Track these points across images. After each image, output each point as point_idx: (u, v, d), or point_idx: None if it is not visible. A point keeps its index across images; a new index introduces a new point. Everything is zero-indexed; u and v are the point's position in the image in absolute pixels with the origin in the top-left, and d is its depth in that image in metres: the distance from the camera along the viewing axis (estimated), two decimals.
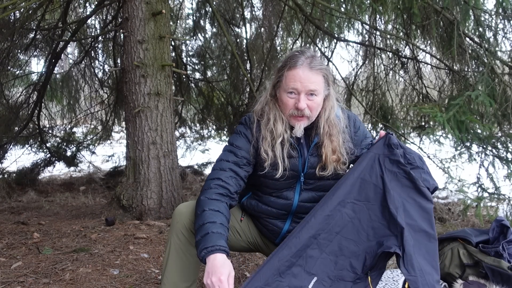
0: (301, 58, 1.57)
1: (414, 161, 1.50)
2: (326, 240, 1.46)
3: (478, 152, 3.53)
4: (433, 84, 5.06)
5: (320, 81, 1.58)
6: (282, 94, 1.60)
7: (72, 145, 6.11)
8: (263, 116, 1.65)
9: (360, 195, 1.51)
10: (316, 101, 1.59)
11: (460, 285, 1.77)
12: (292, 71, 1.56)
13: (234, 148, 1.65)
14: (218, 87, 6.41)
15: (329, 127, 1.63)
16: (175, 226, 1.61)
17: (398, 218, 1.41)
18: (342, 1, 4.62)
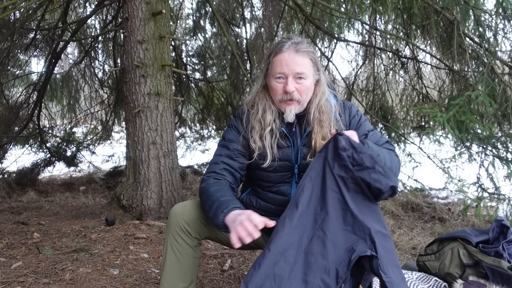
0: (287, 43, 1.56)
1: (363, 162, 1.39)
2: (293, 256, 1.35)
3: (478, 152, 3.53)
4: (433, 84, 5.06)
5: (307, 64, 1.56)
6: (271, 81, 1.60)
7: (72, 145, 6.11)
8: (254, 107, 1.66)
9: (319, 204, 1.42)
10: (305, 85, 1.57)
11: (460, 285, 1.77)
12: (278, 56, 1.56)
13: (226, 142, 1.67)
14: (218, 87, 6.41)
15: (319, 113, 1.60)
16: (171, 227, 1.61)
17: (363, 220, 1.35)
18: (342, 1, 4.62)
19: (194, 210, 1.61)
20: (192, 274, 1.63)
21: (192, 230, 1.59)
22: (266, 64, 1.63)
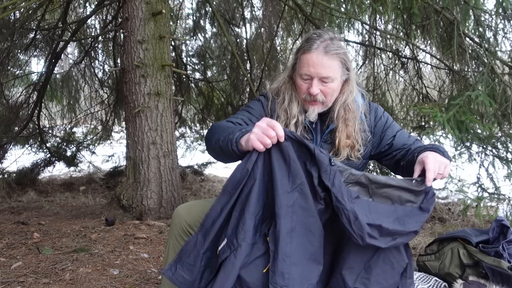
0: (317, 41, 1.49)
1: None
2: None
3: (478, 152, 3.53)
4: (433, 84, 5.06)
5: (335, 66, 1.50)
6: (297, 78, 1.55)
7: (72, 145, 6.11)
8: (279, 95, 1.61)
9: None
10: (331, 87, 1.51)
11: (460, 285, 1.77)
12: (306, 55, 1.50)
13: (249, 108, 1.63)
14: (218, 87, 6.40)
15: (344, 111, 1.55)
16: (173, 229, 1.60)
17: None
18: (342, 1, 4.62)
19: (197, 211, 1.59)
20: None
21: (194, 232, 1.57)
22: (294, 59, 1.59)
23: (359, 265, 1.30)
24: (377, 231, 1.26)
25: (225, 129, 1.42)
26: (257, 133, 1.24)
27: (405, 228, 1.28)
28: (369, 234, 1.23)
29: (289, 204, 1.25)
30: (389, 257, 1.32)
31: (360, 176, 1.37)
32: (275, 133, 1.23)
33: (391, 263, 1.31)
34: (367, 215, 1.27)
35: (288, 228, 1.24)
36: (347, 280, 1.28)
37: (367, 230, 1.23)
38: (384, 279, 1.30)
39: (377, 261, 1.31)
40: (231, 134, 1.34)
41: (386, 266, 1.31)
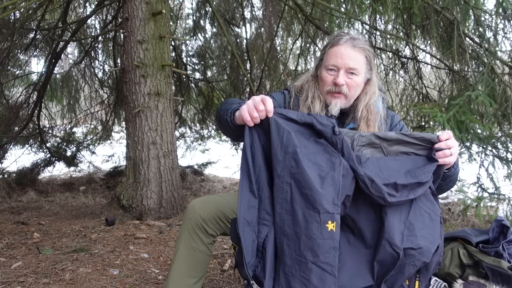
0: (345, 36, 1.56)
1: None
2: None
3: (478, 152, 3.53)
4: (433, 84, 5.06)
5: (361, 60, 1.55)
6: (323, 71, 1.59)
7: (72, 145, 6.11)
8: (302, 92, 1.65)
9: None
10: (356, 81, 1.55)
11: (460, 285, 1.77)
12: (334, 48, 1.56)
13: (270, 95, 1.65)
14: (218, 87, 6.40)
15: (367, 112, 1.58)
16: (187, 223, 1.60)
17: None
18: (342, 1, 4.62)
19: (212, 206, 1.59)
20: (202, 271, 1.63)
21: (208, 227, 1.58)
22: (321, 55, 1.63)
23: (400, 225, 1.28)
24: (393, 188, 1.27)
25: (231, 102, 1.48)
26: (249, 104, 1.29)
27: (417, 180, 1.29)
28: (388, 193, 1.24)
29: (280, 173, 1.25)
30: (424, 208, 1.32)
31: (370, 136, 1.37)
32: (264, 107, 1.27)
33: (428, 215, 1.32)
34: (379, 175, 1.28)
35: (279, 198, 1.25)
36: (395, 242, 1.24)
37: (386, 190, 1.24)
38: (428, 232, 1.29)
39: (415, 215, 1.30)
40: (230, 105, 1.42)
41: (425, 218, 1.31)
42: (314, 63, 1.71)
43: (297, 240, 1.20)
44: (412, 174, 1.30)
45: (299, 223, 1.21)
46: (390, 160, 1.33)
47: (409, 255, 1.24)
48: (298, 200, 1.22)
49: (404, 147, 1.35)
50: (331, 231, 1.20)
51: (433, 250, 1.27)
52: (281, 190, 1.24)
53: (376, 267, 1.27)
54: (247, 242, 1.24)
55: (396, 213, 1.28)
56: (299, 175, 1.23)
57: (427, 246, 1.26)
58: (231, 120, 1.39)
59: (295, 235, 1.21)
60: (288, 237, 1.21)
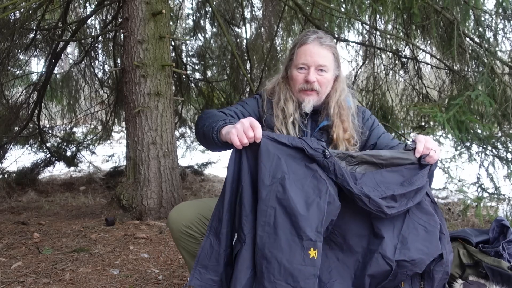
0: (313, 35, 1.60)
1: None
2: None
3: (478, 152, 3.53)
4: (433, 84, 5.06)
5: (329, 57, 1.60)
6: (293, 71, 1.62)
7: (72, 145, 6.11)
8: (274, 95, 1.67)
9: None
10: (326, 77, 1.60)
11: (460, 285, 1.77)
12: (303, 47, 1.60)
13: (243, 103, 1.69)
14: (218, 87, 6.40)
15: (339, 108, 1.62)
16: (173, 234, 1.64)
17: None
18: (342, 1, 4.62)
19: (190, 210, 1.62)
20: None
21: (193, 231, 1.60)
22: (290, 55, 1.66)
23: (393, 238, 1.31)
24: (392, 200, 1.29)
25: (213, 116, 1.49)
26: (239, 129, 1.29)
27: (414, 186, 1.32)
28: (387, 206, 1.27)
29: (265, 197, 1.26)
30: (418, 221, 1.34)
31: (363, 155, 1.39)
32: (254, 135, 1.28)
33: (423, 227, 1.33)
34: (376, 189, 1.30)
35: (261, 221, 1.25)
36: (387, 255, 1.28)
37: (384, 204, 1.26)
38: (423, 244, 1.31)
39: (408, 229, 1.32)
40: (214, 122, 1.43)
41: (420, 231, 1.32)
42: (282, 65, 1.74)
43: (277, 264, 1.21)
44: (408, 182, 1.33)
45: (281, 248, 1.22)
46: (387, 172, 1.36)
47: (402, 266, 1.28)
48: (282, 225, 1.23)
49: (398, 160, 1.39)
50: (312, 258, 1.22)
51: (427, 261, 1.30)
52: (265, 214, 1.24)
53: (367, 280, 1.30)
54: (205, 247, 1.31)
55: (390, 227, 1.32)
56: (285, 200, 1.24)
57: (420, 258, 1.29)
58: (218, 138, 1.40)
59: (275, 259, 1.21)
60: (268, 260, 1.22)
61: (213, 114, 1.53)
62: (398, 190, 1.30)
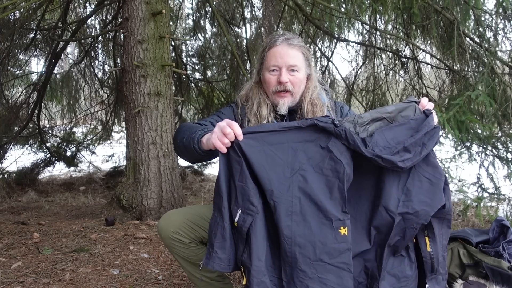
0: (281, 37, 1.62)
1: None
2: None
3: (478, 152, 3.53)
4: (433, 84, 5.06)
5: (299, 57, 1.61)
6: (265, 74, 1.64)
7: (72, 145, 6.11)
8: (248, 101, 1.69)
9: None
10: (298, 77, 1.61)
11: (460, 285, 1.77)
12: (272, 50, 1.61)
13: (219, 113, 1.72)
14: (218, 87, 6.40)
15: (312, 106, 1.64)
16: (164, 241, 1.65)
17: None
18: (342, 1, 4.63)
19: (178, 217, 1.63)
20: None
21: (183, 237, 1.61)
22: (260, 59, 1.68)
23: (397, 191, 1.34)
24: (405, 151, 1.31)
25: (190, 128, 1.50)
26: (217, 132, 1.31)
27: (423, 132, 1.34)
28: (401, 160, 1.29)
29: (286, 189, 1.31)
30: (423, 174, 1.35)
31: (369, 114, 1.41)
32: (231, 130, 1.29)
33: (428, 180, 1.35)
34: (387, 146, 1.33)
35: (288, 211, 1.29)
36: (390, 208, 1.32)
37: (397, 159, 1.29)
38: (427, 196, 1.33)
39: (413, 181, 1.34)
40: (193, 133, 1.44)
41: (424, 183, 1.34)
42: (255, 69, 1.75)
43: (312, 247, 1.28)
44: (417, 131, 1.36)
45: (313, 232, 1.29)
46: (395, 127, 1.38)
47: (407, 219, 1.32)
48: (309, 211, 1.30)
49: (404, 111, 1.41)
50: (344, 235, 1.29)
51: (431, 213, 1.32)
52: (290, 204, 1.30)
53: (373, 232, 1.35)
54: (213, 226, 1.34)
55: (395, 180, 1.35)
56: (308, 188, 1.30)
57: (424, 209, 1.32)
58: (199, 147, 1.41)
59: (309, 243, 1.28)
60: (301, 246, 1.28)
61: (190, 126, 1.54)
62: (409, 141, 1.33)
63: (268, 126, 1.35)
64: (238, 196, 1.32)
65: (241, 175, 1.32)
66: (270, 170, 1.32)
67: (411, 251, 1.38)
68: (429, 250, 1.36)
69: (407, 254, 1.37)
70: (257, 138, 1.34)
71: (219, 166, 1.34)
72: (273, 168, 1.32)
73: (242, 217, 1.30)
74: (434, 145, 1.35)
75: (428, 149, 1.33)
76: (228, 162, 1.34)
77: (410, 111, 1.41)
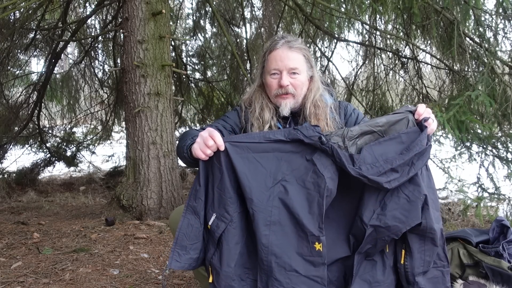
0: (281, 41, 1.62)
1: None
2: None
3: (478, 152, 3.53)
4: (433, 84, 5.06)
5: (300, 60, 1.61)
6: (267, 77, 1.65)
7: (72, 145, 6.12)
8: (251, 105, 1.70)
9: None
10: (299, 79, 1.62)
11: (460, 285, 1.77)
12: (272, 53, 1.62)
13: (225, 117, 1.73)
14: (218, 87, 6.41)
15: (314, 108, 1.64)
16: (173, 233, 1.64)
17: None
18: (342, 1, 4.63)
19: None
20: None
21: None
22: (262, 63, 1.69)
23: (375, 204, 1.34)
24: (392, 171, 1.31)
25: (185, 136, 1.52)
26: (200, 143, 1.33)
27: (413, 153, 1.32)
28: (387, 181, 1.30)
29: (266, 199, 1.31)
30: (403, 190, 1.35)
31: (360, 127, 1.39)
32: (214, 143, 1.30)
33: (406, 196, 1.34)
34: (375, 164, 1.32)
35: (266, 221, 1.30)
36: (363, 219, 1.33)
37: (383, 180, 1.29)
38: (401, 213, 1.32)
39: (391, 196, 1.34)
40: (184, 142, 1.46)
41: (401, 200, 1.34)
42: (257, 73, 1.76)
43: (288, 258, 1.30)
44: (407, 149, 1.34)
45: (290, 243, 1.31)
46: (385, 141, 1.36)
47: (379, 231, 1.33)
48: (287, 222, 1.31)
49: (396, 125, 1.39)
50: (318, 250, 1.30)
51: (403, 229, 1.32)
52: (269, 214, 1.31)
53: (352, 239, 1.37)
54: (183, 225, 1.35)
55: (375, 192, 1.35)
56: (288, 200, 1.31)
57: (396, 225, 1.32)
58: (189, 156, 1.43)
59: (285, 254, 1.30)
60: (277, 255, 1.30)
61: (186, 134, 1.55)
62: (397, 161, 1.32)
63: (254, 137, 1.36)
64: (215, 202, 1.34)
65: (221, 183, 1.33)
66: (252, 178, 1.32)
67: (386, 257, 1.38)
68: (402, 263, 1.36)
69: (381, 259, 1.38)
70: (241, 146, 1.34)
71: (199, 169, 1.35)
72: (255, 177, 1.32)
73: (216, 222, 1.32)
74: (423, 165, 1.34)
75: (416, 169, 1.32)
76: (208, 168, 1.35)
77: (403, 124, 1.38)
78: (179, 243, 1.35)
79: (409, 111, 1.41)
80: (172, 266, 1.33)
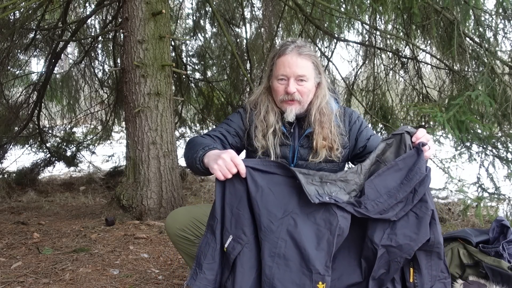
0: (291, 45, 1.61)
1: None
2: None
3: (478, 152, 3.53)
4: (433, 84, 5.06)
5: (309, 67, 1.61)
6: (274, 82, 1.64)
7: (72, 145, 6.11)
8: (256, 107, 1.70)
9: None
10: (306, 86, 1.61)
11: (460, 285, 1.77)
12: (281, 58, 1.61)
13: (228, 121, 1.73)
14: (218, 87, 6.40)
15: (320, 115, 1.64)
16: (171, 238, 1.69)
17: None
18: (342, 1, 4.62)
19: (184, 214, 1.67)
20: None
21: (188, 234, 1.64)
22: (270, 66, 1.68)
23: (384, 223, 1.33)
24: (398, 204, 1.32)
25: (195, 145, 1.52)
26: (221, 166, 1.33)
27: (414, 182, 1.33)
28: (394, 215, 1.31)
29: (274, 229, 1.29)
30: (411, 209, 1.35)
31: (371, 159, 1.42)
32: (236, 170, 1.32)
33: (415, 214, 1.35)
34: (379, 200, 1.32)
35: (271, 252, 1.28)
36: (374, 240, 1.32)
37: (390, 215, 1.30)
38: (412, 231, 1.33)
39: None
40: (195, 153, 1.47)
41: (410, 217, 1.34)
42: (265, 74, 1.76)
43: None
44: (407, 178, 1.35)
45: (292, 279, 1.27)
46: (384, 172, 1.37)
47: (391, 252, 1.31)
48: (292, 257, 1.29)
49: (394, 149, 1.41)
50: None
51: (415, 247, 1.32)
52: (275, 245, 1.29)
53: (364, 264, 1.35)
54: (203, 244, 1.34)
55: None
56: (296, 234, 1.29)
57: (408, 244, 1.31)
58: (202, 167, 1.44)
59: None
60: None
61: (196, 143, 1.56)
62: (400, 193, 1.32)
63: (271, 166, 1.35)
64: (232, 223, 1.32)
65: (240, 203, 1.31)
66: (262, 206, 1.31)
67: (397, 283, 1.37)
68: (412, 281, 1.36)
69: (393, 286, 1.37)
70: (258, 172, 1.34)
71: (216, 189, 1.35)
72: (265, 205, 1.31)
73: (232, 244, 1.31)
74: (425, 190, 1.34)
75: (419, 195, 1.33)
76: (227, 188, 1.34)
77: (396, 144, 1.40)
78: (197, 261, 1.34)
79: (407, 132, 1.41)
80: (189, 284, 1.33)
